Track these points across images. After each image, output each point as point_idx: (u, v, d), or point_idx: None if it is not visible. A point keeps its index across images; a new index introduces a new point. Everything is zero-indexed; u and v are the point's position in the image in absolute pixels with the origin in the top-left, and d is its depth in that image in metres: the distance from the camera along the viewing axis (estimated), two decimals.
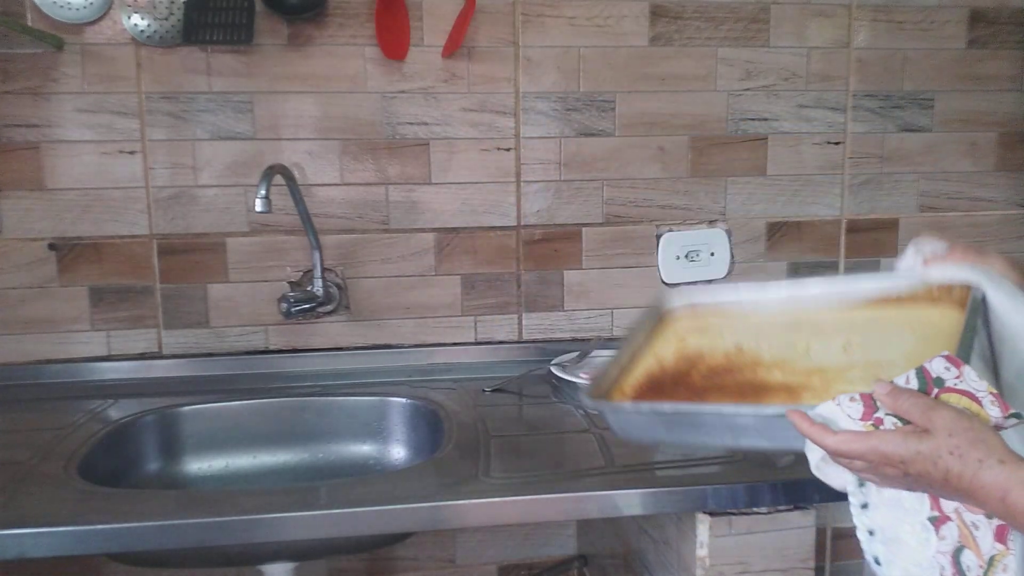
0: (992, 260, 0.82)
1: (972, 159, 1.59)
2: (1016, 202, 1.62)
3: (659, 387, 0.85)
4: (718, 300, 0.97)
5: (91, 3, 1.30)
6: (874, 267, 1.59)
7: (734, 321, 0.93)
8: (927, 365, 0.67)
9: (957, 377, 0.66)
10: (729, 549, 0.95)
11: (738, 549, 0.96)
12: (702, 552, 0.95)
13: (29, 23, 1.31)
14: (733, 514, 0.95)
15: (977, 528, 0.69)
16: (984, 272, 0.80)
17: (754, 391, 0.80)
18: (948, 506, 0.70)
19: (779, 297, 0.93)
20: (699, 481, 0.93)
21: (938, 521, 0.71)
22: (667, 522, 1.04)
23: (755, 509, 0.95)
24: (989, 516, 0.68)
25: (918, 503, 0.72)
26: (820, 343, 0.84)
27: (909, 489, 0.68)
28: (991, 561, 0.68)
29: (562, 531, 1.55)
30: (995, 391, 0.65)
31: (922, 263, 0.84)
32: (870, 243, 1.58)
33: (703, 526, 0.95)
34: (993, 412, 0.64)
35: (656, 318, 0.98)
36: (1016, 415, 0.64)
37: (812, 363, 0.82)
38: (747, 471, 0.95)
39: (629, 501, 0.92)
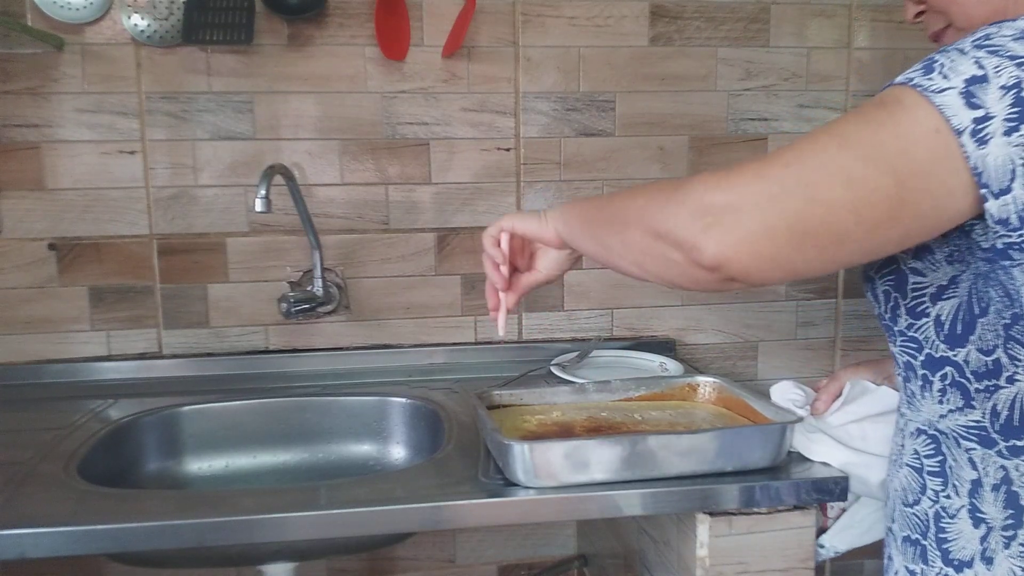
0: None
1: None
2: None
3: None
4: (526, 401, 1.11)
5: (91, 3, 1.30)
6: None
7: (550, 408, 1.09)
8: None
9: None
10: (729, 549, 0.95)
11: (738, 549, 0.96)
12: (702, 552, 0.95)
13: (29, 23, 1.31)
14: (733, 514, 0.95)
15: None
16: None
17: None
18: None
19: (571, 398, 1.11)
20: (699, 481, 0.93)
21: None
22: (667, 522, 1.04)
23: (755, 509, 0.95)
24: None
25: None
26: (636, 413, 1.08)
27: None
28: None
29: (562, 531, 1.55)
30: None
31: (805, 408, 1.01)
32: None
33: (703, 526, 0.95)
34: None
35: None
36: None
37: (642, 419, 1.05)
38: (747, 471, 0.95)
39: (629, 501, 0.92)
